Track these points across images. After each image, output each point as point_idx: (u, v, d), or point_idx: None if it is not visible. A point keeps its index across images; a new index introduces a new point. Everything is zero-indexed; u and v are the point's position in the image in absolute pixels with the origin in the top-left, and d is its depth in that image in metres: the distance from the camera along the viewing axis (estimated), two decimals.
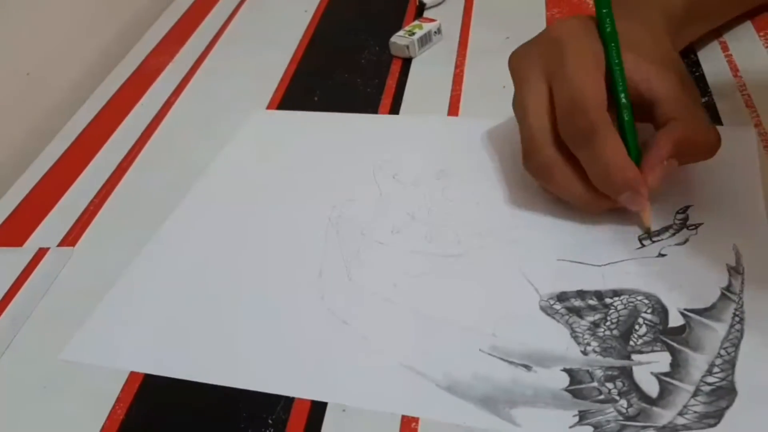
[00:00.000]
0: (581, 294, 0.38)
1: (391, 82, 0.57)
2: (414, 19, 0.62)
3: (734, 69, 0.51)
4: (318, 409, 0.34)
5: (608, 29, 0.39)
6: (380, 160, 0.49)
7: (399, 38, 0.59)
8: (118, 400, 0.36)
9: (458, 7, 0.65)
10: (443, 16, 0.62)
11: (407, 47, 0.59)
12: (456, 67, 0.57)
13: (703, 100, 0.49)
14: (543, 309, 0.37)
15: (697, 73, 0.51)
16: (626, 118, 0.39)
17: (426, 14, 0.64)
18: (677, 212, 0.41)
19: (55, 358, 0.39)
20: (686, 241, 0.39)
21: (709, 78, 0.51)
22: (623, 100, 0.39)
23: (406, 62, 0.59)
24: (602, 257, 0.39)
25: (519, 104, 0.41)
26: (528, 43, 0.43)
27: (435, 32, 0.60)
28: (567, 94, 0.38)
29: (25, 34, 0.61)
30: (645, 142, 0.39)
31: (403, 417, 0.34)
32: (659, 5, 0.44)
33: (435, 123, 0.52)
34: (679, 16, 0.45)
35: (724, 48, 0.53)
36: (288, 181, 0.48)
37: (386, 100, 0.55)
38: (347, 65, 0.60)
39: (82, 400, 0.37)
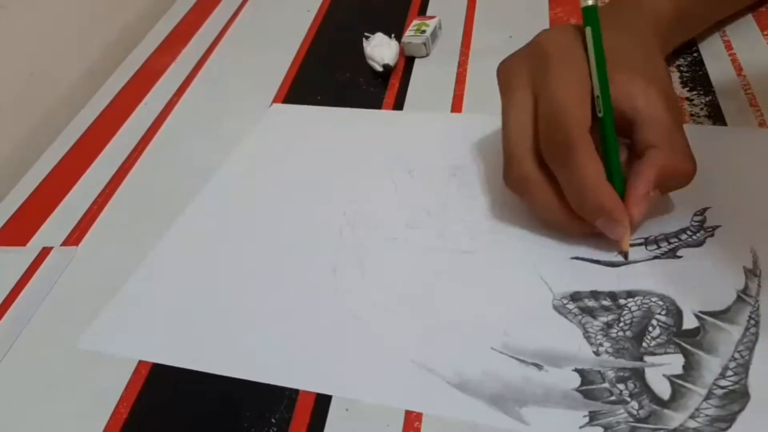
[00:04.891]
0: (595, 294, 0.37)
1: (394, 82, 0.57)
2: (414, 19, 0.62)
3: (738, 68, 0.51)
4: (321, 408, 0.35)
5: (595, 45, 0.38)
6: (395, 155, 0.49)
7: (413, 38, 0.59)
8: (120, 399, 0.37)
9: (461, 6, 0.65)
10: (446, 15, 0.62)
11: (424, 45, 0.58)
12: (459, 66, 0.57)
13: (707, 99, 0.48)
14: (556, 308, 0.37)
15: (700, 72, 0.51)
16: (609, 140, 0.38)
17: (428, 12, 0.64)
18: (695, 214, 0.41)
19: (59, 357, 0.39)
20: (703, 243, 0.39)
21: (713, 77, 0.50)
22: (607, 121, 0.38)
23: (409, 62, 0.59)
24: (617, 257, 0.39)
25: (503, 115, 0.40)
26: (516, 54, 0.42)
27: (438, 28, 0.60)
28: (549, 109, 0.37)
29: (28, 35, 0.61)
30: (626, 174, 0.38)
31: (407, 416, 0.34)
32: (648, 14, 0.43)
33: (449, 119, 0.52)
34: (668, 24, 0.44)
35: (728, 47, 0.53)
36: (304, 176, 0.48)
37: (389, 99, 0.55)
38: (350, 65, 0.60)
39: (86, 399, 0.37)
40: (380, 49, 0.57)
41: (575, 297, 0.37)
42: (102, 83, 0.63)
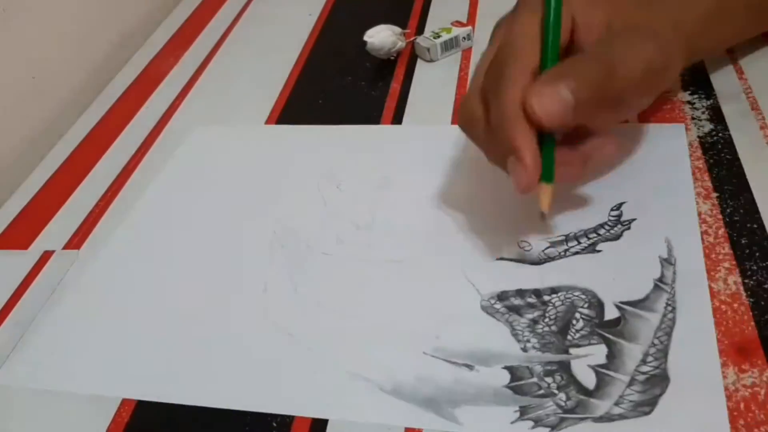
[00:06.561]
0: (520, 293, 0.38)
1: (395, 86, 0.57)
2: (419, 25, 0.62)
3: (739, 71, 0.51)
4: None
5: None
6: (324, 171, 0.49)
7: (423, 40, 0.59)
8: (122, 403, 0.37)
9: (462, 11, 0.66)
10: (446, 21, 0.62)
11: (428, 50, 0.59)
12: (461, 70, 0.58)
13: (708, 103, 0.49)
14: (484, 309, 0.38)
15: (702, 76, 0.51)
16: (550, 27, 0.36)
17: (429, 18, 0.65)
18: (611, 209, 0.42)
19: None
20: (621, 236, 0.40)
21: (714, 80, 0.51)
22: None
23: (411, 66, 0.59)
24: (540, 255, 0.40)
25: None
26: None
27: (464, 38, 0.60)
28: (500, 46, 0.37)
29: (30, 38, 0.62)
30: None
31: None
32: (671, 18, 0.41)
33: (375, 132, 0.52)
34: (690, 32, 0.42)
35: (729, 50, 0.53)
36: (232, 197, 0.49)
37: (390, 103, 0.55)
38: (352, 69, 0.60)
39: (87, 402, 0.37)
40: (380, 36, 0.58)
41: (502, 296, 0.38)
42: (104, 87, 0.64)
